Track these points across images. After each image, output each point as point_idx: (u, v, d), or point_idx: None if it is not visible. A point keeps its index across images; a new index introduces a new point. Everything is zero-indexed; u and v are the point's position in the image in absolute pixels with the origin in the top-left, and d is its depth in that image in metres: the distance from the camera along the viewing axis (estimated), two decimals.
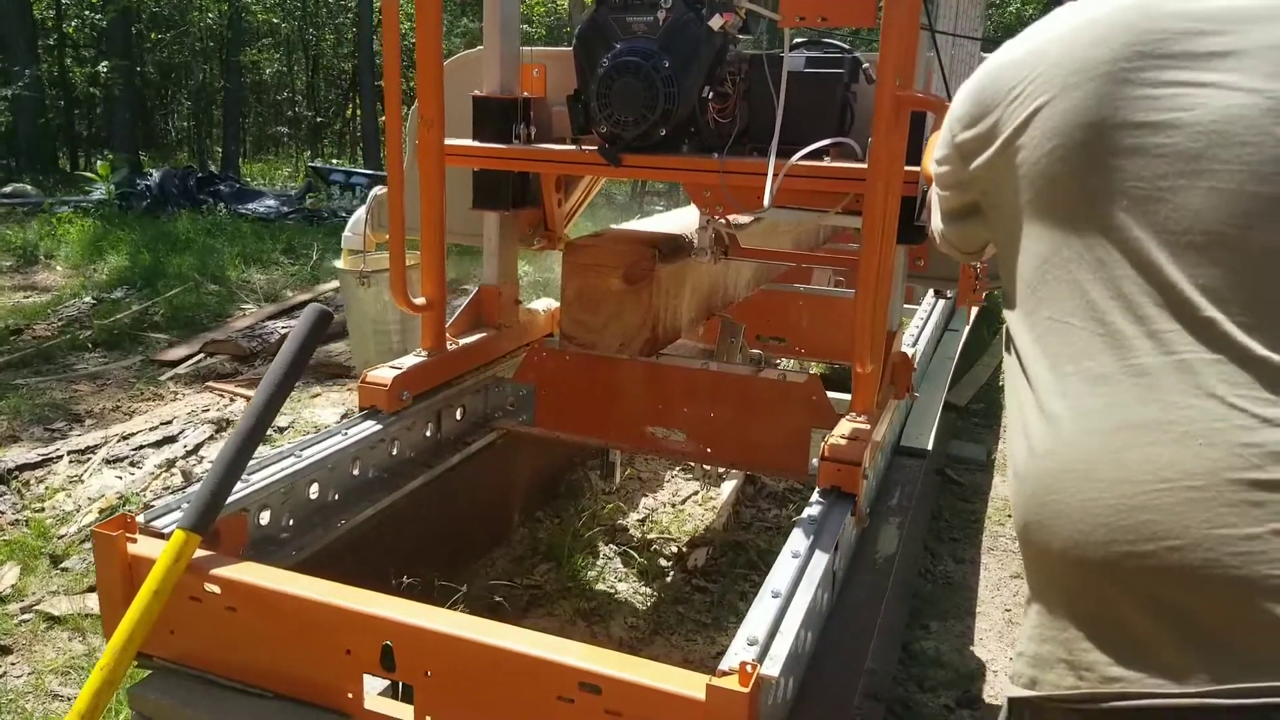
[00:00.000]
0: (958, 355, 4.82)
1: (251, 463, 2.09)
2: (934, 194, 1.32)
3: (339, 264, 4.17)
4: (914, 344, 3.55)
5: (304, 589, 1.68)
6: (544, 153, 2.69)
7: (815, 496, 2.12)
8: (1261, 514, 0.82)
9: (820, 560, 1.90)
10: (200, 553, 1.75)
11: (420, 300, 2.68)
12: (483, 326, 3.03)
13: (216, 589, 1.71)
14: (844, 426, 2.25)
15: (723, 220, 2.60)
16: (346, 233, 3.80)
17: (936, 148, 1.24)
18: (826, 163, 2.31)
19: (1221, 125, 0.90)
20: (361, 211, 3.58)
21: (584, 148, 2.54)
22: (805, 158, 2.24)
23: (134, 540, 1.78)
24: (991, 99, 1.07)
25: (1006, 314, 1.09)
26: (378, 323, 4.16)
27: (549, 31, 16.05)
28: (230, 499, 1.96)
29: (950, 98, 2.19)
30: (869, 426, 2.24)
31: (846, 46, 2.54)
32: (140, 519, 1.84)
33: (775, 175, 2.19)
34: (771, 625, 1.67)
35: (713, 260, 2.72)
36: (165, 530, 1.81)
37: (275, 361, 1.86)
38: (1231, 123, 0.90)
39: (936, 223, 1.32)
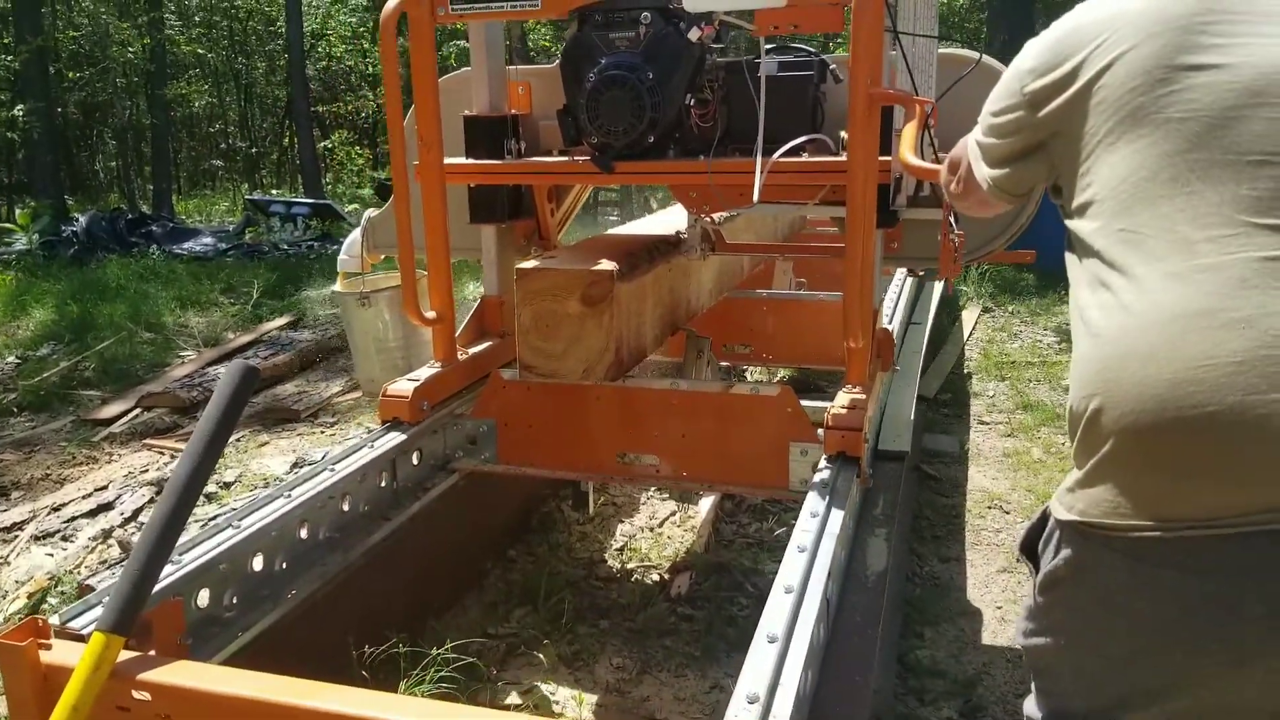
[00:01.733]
0: (924, 349, 4.74)
1: (184, 539, 1.90)
2: (977, 146, 1.48)
3: (336, 288, 4.28)
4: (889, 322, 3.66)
5: (242, 687, 1.49)
6: (541, 165, 2.88)
7: (822, 463, 2.31)
8: None
9: (815, 592, 1.79)
10: (126, 654, 1.55)
11: (431, 314, 2.82)
12: (488, 335, 3.17)
13: (146, 695, 1.51)
14: (843, 398, 2.43)
15: (709, 219, 2.76)
16: (342, 255, 3.86)
17: (994, 101, 1.39)
18: (805, 158, 2.49)
19: (1273, 63, 1.08)
20: (356, 234, 3.66)
21: (576, 158, 2.71)
22: (785, 154, 2.42)
23: (48, 647, 1.57)
24: (1073, 49, 1.23)
25: (1075, 225, 1.24)
26: (380, 341, 4.26)
27: None
28: (162, 584, 1.78)
29: (916, 92, 2.38)
30: (865, 396, 2.44)
31: (813, 50, 2.74)
32: (54, 620, 1.63)
33: (762, 172, 2.37)
34: (772, 677, 1.53)
35: (702, 257, 2.85)
36: (84, 631, 1.61)
37: (198, 428, 1.66)
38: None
39: (984, 171, 1.46)
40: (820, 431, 2.40)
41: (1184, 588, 1.07)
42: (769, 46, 2.57)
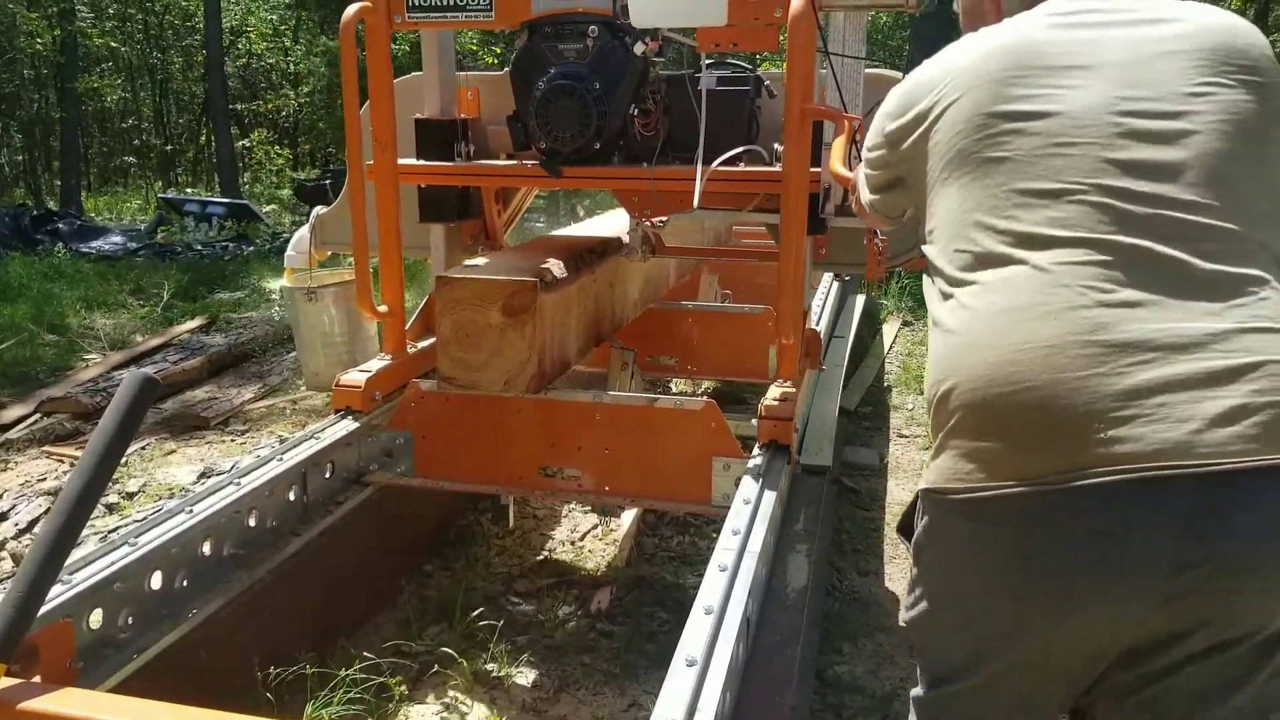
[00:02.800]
0: (845, 362, 4.79)
1: (76, 557, 1.80)
2: (863, 175, 1.69)
3: (284, 282, 4.46)
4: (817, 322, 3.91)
5: (132, 715, 1.41)
6: (491, 168, 3.00)
7: (755, 451, 2.44)
8: (1087, 362, 1.17)
9: (735, 612, 1.76)
10: (7, 681, 1.46)
11: (383, 308, 2.94)
12: (434, 330, 3.17)
13: None
14: (774, 391, 2.58)
15: (649, 222, 2.89)
16: (290, 251, 4.00)
17: (869, 137, 1.61)
18: (742, 167, 2.66)
19: (1078, 114, 1.28)
20: (305, 231, 3.76)
21: (525, 162, 2.87)
22: (723, 163, 2.57)
23: None
24: (915, 99, 1.45)
25: (925, 249, 1.44)
26: (326, 335, 4.43)
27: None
28: (50, 605, 1.69)
29: (845, 108, 2.52)
30: (795, 390, 2.59)
31: (749, 66, 2.93)
32: None
33: (702, 179, 2.52)
34: (690, 701, 1.51)
35: (643, 258, 2.92)
36: None
37: (91, 441, 1.57)
38: (1084, 112, 1.28)
39: (866, 195, 1.68)
40: (753, 421, 2.53)
41: (1010, 542, 1.23)
42: (707, 62, 2.71)
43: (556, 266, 2.74)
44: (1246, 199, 1.24)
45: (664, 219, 2.92)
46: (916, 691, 1.46)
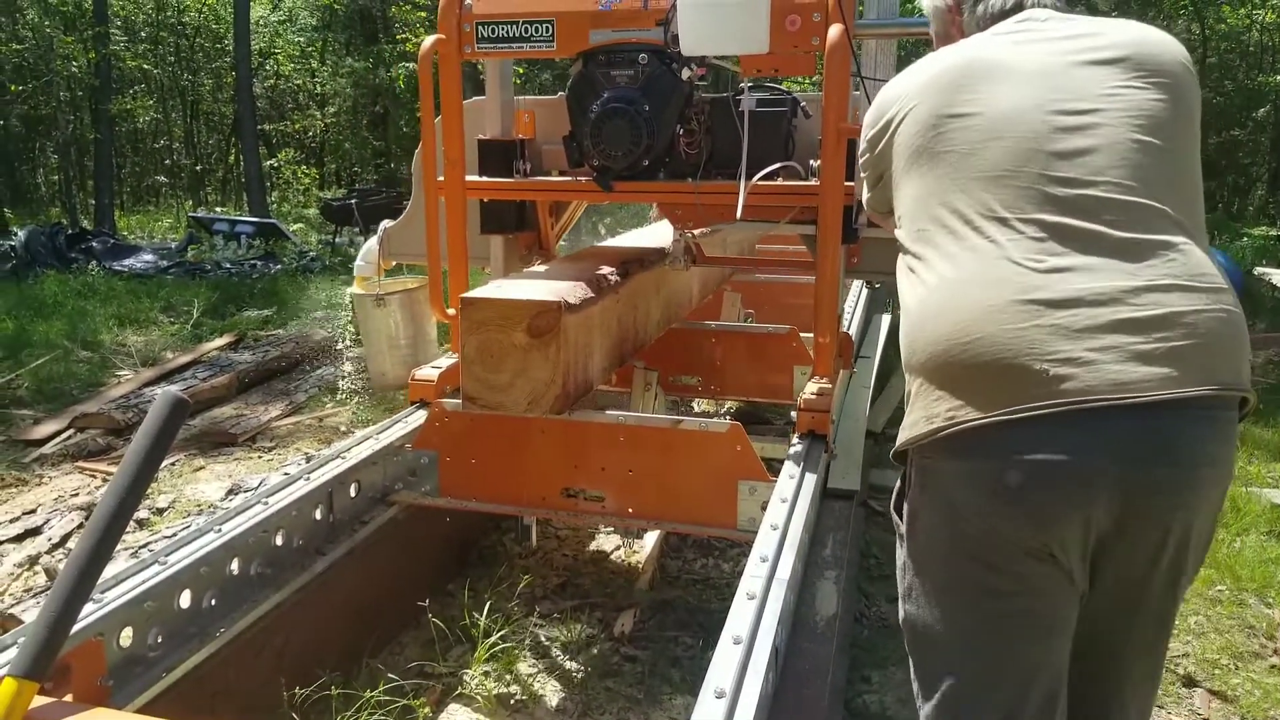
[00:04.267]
0: (872, 384, 4.76)
1: (107, 575, 1.82)
2: (861, 178, 1.92)
3: (353, 289, 4.77)
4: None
5: None
6: (548, 184, 3.24)
7: (794, 439, 2.62)
8: (1025, 317, 1.41)
9: (765, 642, 1.73)
10: (40, 700, 1.47)
11: (451, 311, 3.00)
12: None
13: None
14: (812, 386, 2.77)
15: (692, 233, 3.05)
16: (359, 261, 4.31)
17: (860, 145, 1.85)
18: (780, 182, 2.86)
19: (1007, 111, 1.54)
20: (373, 242, 4.07)
21: (579, 178, 3.09)
22: (763, 178, 2.78)
23: None
24: (886, 108, 1.71)
25: (897, 233, 1.69)
26: (392, 339, 4.64)
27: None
28: (82, 623, 1.71)
29: None
30: (831, 386, 2.79)
31: (786, 90, 3.10)
32: None
33: (744, 194, 2.71)
34: None
35: (685, 267, 3.11)
36: None
37: (124, 462, 1.59)
38: (1012, 110, 1.54)
39: (864, 195, 1.92)
40: (792, 414, 2.72)
41: (986, 473, 1.44)
42: (748, 85, 2.88)
43: (611, 274, 2.88)
44: (1155, 178, 1.48)
45: (704, 230, 3.08)
46: (919, 705, 1.61)
